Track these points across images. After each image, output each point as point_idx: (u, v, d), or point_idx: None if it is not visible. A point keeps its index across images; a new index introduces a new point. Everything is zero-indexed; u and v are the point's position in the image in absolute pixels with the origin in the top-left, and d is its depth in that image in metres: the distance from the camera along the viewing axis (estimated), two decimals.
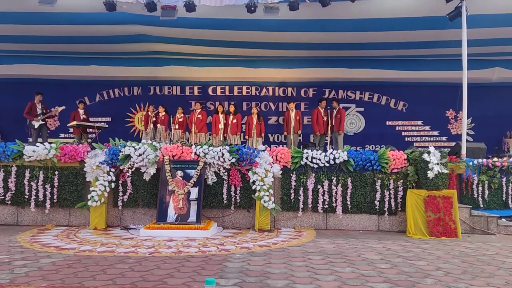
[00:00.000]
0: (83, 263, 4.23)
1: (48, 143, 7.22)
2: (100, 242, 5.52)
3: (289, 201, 7.07)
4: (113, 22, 9.26)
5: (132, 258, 4.53)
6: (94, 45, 10.78)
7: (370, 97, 12.68)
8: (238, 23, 9.21)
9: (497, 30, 9.36)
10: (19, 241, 5.53)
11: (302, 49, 10.95)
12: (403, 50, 10.90)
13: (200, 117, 10.47)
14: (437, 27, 9.16)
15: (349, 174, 7.11)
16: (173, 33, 9.94)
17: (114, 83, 12.70)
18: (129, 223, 7.04)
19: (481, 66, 11.29)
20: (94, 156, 6.93)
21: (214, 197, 7.01)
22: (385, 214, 7.05)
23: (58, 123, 12.65)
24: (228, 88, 12.81)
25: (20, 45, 10.86)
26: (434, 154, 6.76)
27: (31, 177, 7.04)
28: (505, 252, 5.24)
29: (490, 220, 6.93)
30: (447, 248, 5.52)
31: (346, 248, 5.31)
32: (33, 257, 4.50)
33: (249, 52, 11.35)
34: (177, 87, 12.82)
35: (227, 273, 3.89)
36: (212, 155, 6.88)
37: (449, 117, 12.56)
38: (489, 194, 7.72)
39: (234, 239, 5.88)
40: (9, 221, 7.07)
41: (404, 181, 7.06)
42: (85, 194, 6.92)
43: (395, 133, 12.51)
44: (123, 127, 12.55)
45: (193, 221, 6.45)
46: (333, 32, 9.67)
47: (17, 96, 11.56)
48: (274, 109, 12.78)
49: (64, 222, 7.08)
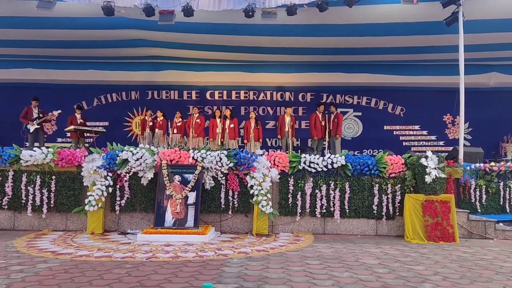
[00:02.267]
0: (80, 268, 4.21)
1: (46, 147, 7.20)
2: (97, 247, 5.49)
3: (287, 206, 7.06)
4: (111, 27, 9.28)
5: (129, 263, 4.51)
6: (92, 50, 10.80)
7: (368, 101, 12.72)
8: (236, 28, 9.24)
9: (494, 35, 9.43)
10: (16, 246, 5.50)
11: (300, 54, 11.00)
12: (400, 55, 10.97)
13: (198, 122, 10.48)
14: (434, 32, 9.22)
15: (347, 179, 7.11)
16: (171, 38, 9.96)
17: (112, 88, 12.72)
18: (126, 228, 7.01)
19: (478, 71, 11.37)
20: (92, 160, 6.92)
21: (212, 201, 6.99)
22: (383, 219, 7.04)
23: (55, 128, 12.64)
24: (226, 93, 12.85)
25: (18, 49, 10.88)
26: (431, 158, 6.77)
27: (28, 182, 7.01)
28: (503, 257, 5.24)
29: (487, 225, 6.94)
30: (445, 252, 5.52)
31: (344, 253, 5.31)
32: (30, 262, 4.48)
33: (247, 57, 11.40)
34: (175, 92, 12.85)
35: (224, 278, 3.88)
36: (210, 160, 6.87)
37: (446, 122, 12.62)
38: (486, 198, 7.74)
39: (232, 244, 5.86)
40: (6, 226, 7.04)
41: (402, 185, 7.07)
42: (82, 199, 6.90)
43: (393, 137, 12.55)
44: (120, 132, 12.55)
45: (190, 226, 6.43)
46: (330, 37, 9.72)
47: (14, 101, 11.54)
48: (272, 113, 12.79)
49: (61, 227, 7.05)
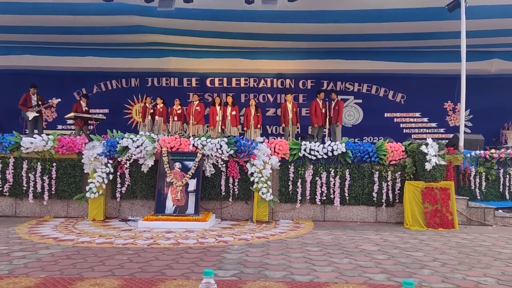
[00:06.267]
0: (82, 254, 4.24)
1: (46, 135, 7.19)
2: (98, 233, 5.52)
3: (287, 193, 7.09)
4: (110, 13, 9.18)
5: (130, 250, 4.54)
6: (91, 36, 10.71)
7: (369, 88, 12.66)
8: (236, 14, 9.15)
9: (496, 21, 9.33)
10: (18, 232, 5.53)
11: (300, 41, 10.91)
12: (401, 41, 10.88)
13: (198, 109, 10.46)
14: (436, 18, 9.12)
15: (347, 166, 7.12)
16: (171, 24, 9.88)
17: (112, 75, 12.65)
18: (127, 215, 7.05)
19: (479, 57, 11.28)
20: (92, 148, 6.92)
21: (212, 189, 7.02)
22: (383, 206, 7.07)
23: (55, 115, 12.62)
24: (226, 80, 12.78)
25: (17, 35, 10.78)
26: (432, 146, 6.77)
27: (29, 169, 7.03)
28: (501, 243, 5.27)
29: (487, 212, 6.97)
30: (444, 239, 5.55)
31: (344, 240, 5.34)
32: (32, 249, 4.51)
33: (247, 44, 11.31)
34: (175, 79, 12.79)
35: (225, 264, 3.90)
36: (210, 147, 6.87)
37: (447, 109, 12.58)
38: (486, 185, 7.76)
39: (232, 231, 5.90)
40: (7, 212, 7.08)
41: (402, 172, 7.08)
42: (83, 186, 6.92)
43: (393, 125, 12.53)
44: (121, 119, 12.53)
45: (191, 213, 6.46)
46: (331, 23, 9.63)
47: (13, 88, 11.49)
48: (272, 101, 12.75)
49: (63, 213, 7.10)
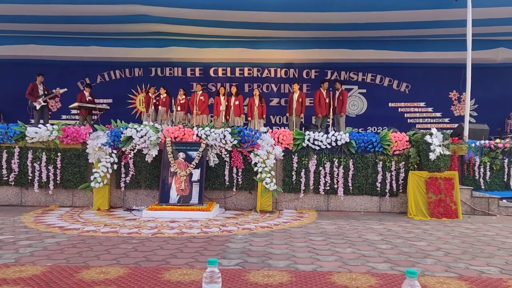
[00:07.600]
0: (88, 243, 4.28)
1: (51, 124, 7.22)
2: (103, 222, 5.57)
3: (291, 183, 7.10)
4: (113, 2, 9.17)
5: (135, 239, 4.58)
6: (95, 26, 10.67)
7: (373, 78, 12.59)
8: (240, 3, 9.10)
9: (502, 10, 9.22)
10: (24, 221, 5.58)
11: (304, 30, 10.82)
12: (406, 30, 10.76)
13: (202, 99, 10.43)
14: (441, 6, 9.02)
15: (350, 156, 7.11)
16: (174, 13, 9.81)
17: (115, 64, 12.64)
18: (131, 204, 7.10)
19: (485, 46, 11.16)
20: (96, 137, 6.95)
21: (216, 178, 7.04)
22: (386, 196, 7.08)
23: (59, 105, 12.64)
24: (229, 70, 12.74)
25: (20, 25, 10.75)
26: (436, 135, 6.74)
27: (34, 158, 7.07)
28: (505, 233, 5.27)
29: (491, 201, 6.97)
30: (448, 229, 5.56)
31: (347, 229, 5.35)
32: (38, 237, 4.55)
33: (251, 33, 11.22)
34: (178, 69, 12.76)
35: (229, 253, 3.93)
36: (214, 137, 6.88)
37: (452, 99, 12.49)
38: (490, 175, 7.73)
39: (236, 220, 5.93)
40: (13, 201, 7.14)
41: (406, 162, 7.06)
42: (88, 176, 6.97)
43: (398, 114, 12.47)
44: (124, 109, 12.55)
45: (195, 203, 6.49)
46: (336, 12, 9.54)
47: (18, 78, 11.53)
48: (276, 90, 12.71)
49: (68, 203, 7.15)
